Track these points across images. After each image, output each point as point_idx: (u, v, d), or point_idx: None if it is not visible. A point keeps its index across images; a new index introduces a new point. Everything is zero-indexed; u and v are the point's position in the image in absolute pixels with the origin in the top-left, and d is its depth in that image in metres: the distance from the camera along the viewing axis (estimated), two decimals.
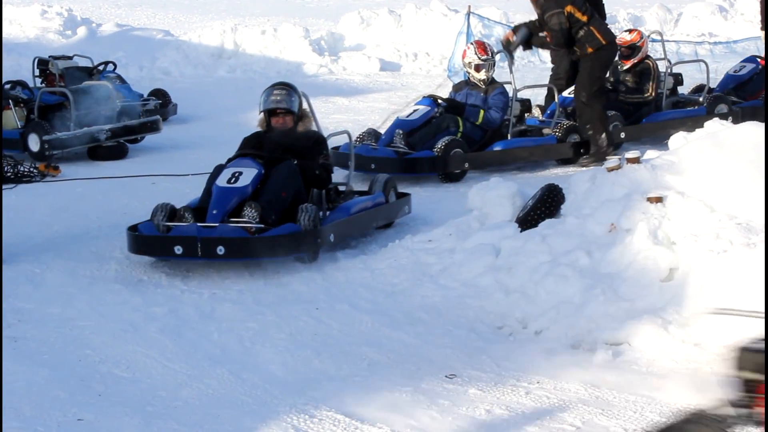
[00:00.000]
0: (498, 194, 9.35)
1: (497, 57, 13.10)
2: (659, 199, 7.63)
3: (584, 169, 11.41)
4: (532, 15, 13.69)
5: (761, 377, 4.81)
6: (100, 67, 16.44)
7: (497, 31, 22.15)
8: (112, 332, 7.44)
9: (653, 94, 13.79)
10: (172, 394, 6.40)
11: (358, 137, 12.15)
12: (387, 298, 8.10)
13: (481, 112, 12.60)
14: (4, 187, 11.95)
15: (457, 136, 12.26)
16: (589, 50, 12.83)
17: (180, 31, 25.13)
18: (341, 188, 10.22)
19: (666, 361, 6.76)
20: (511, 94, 12.84)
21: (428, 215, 10.47)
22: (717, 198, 7.57)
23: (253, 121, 15.17)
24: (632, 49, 13.94)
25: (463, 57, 12.98)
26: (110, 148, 13.73)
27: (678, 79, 14.84)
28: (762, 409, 4.80)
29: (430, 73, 22.34)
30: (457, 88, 13.10)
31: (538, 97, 15.30)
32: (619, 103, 13.70)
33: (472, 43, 13.20)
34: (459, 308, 7.79)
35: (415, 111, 12.62)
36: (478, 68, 12.74)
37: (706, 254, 7.11)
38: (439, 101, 12.68)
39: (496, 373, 6.64)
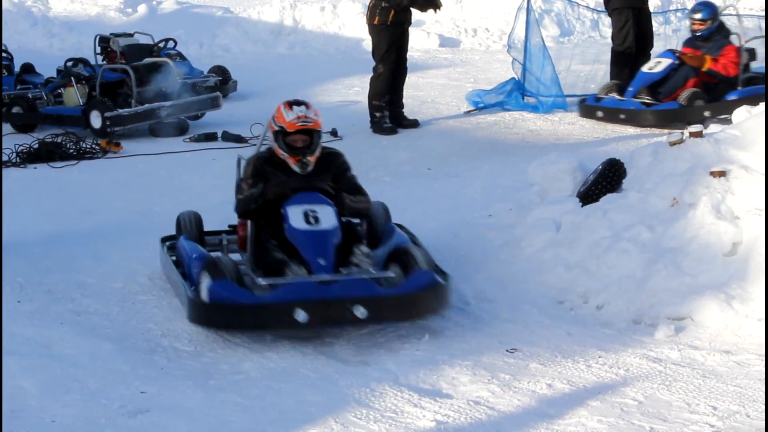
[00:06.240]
0: (559, 169, 9.30)
1: None
2: (722, 174, 7.54)
3: (646, 143, 11.29)
4: None
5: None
6: (161, 44, 16.51)
7: (558, 7, 21.98)
8: (174, 306, 7.48)
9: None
10: (234, 367, 6.44)
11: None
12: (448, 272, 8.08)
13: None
14: (66, 163, 12.12)
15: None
16: None
17: (239, 8, 25.17)
18: None
19: (729, 336, 6.71)
20: None
21: (488, 190, 10.42)
22: None
23: (312, 97, 15.24)
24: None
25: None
26: (171, 125, 13.80)
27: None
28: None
29: (490, 48, 22.22)
30: None
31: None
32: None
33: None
34: (520, 283, 7.78)
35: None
36: None
37: None
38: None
39: (557, 348, 6.62)
